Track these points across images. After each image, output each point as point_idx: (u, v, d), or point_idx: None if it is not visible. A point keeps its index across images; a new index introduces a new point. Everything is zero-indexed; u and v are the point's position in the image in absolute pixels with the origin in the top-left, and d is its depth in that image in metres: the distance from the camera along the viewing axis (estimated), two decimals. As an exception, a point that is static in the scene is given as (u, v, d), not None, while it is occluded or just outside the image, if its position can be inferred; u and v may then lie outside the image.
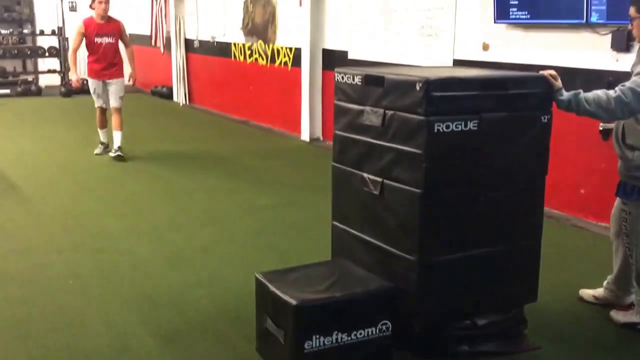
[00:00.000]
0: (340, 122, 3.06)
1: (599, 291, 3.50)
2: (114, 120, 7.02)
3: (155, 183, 6.09)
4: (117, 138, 7.00)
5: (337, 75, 3.04)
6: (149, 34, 12.17)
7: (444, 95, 2.59)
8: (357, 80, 2.91)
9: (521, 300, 3.08)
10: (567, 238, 4.59)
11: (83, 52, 7.47)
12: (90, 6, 7.04)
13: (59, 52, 12.71)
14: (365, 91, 2.88)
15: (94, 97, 7.10)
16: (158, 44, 11.90)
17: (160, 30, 11.77)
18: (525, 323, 3.09)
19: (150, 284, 3.72)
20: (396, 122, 2.71)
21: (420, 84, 2.57)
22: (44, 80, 13.31)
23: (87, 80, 7.32)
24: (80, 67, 8.18)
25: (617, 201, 3.30)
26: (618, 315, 3.32)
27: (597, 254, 4.18)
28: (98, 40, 6.93)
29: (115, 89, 7.02)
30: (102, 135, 7.22)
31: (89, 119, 9.68)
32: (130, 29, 13.77)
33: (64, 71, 12.72)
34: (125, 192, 5.75)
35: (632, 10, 3.03)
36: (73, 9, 13.13)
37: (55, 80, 13.17)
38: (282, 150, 7.76)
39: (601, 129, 3.34)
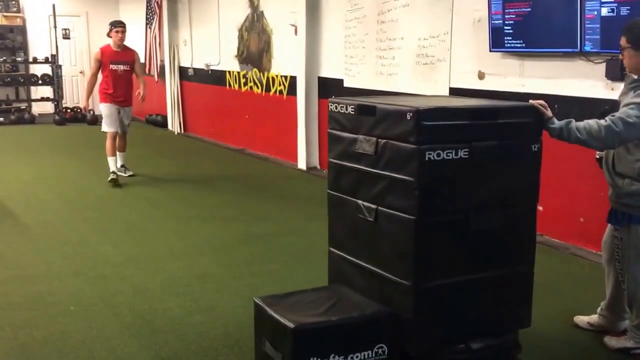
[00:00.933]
0: (335, 150, 3.15)
1: (594, 317, 3.56)
2: (120, 143, 7.45)
3: (152, 211, 6.15)
4: (121, 158, 7.51)
5: (331, 105, 3.14)
6: (142, 61, 12.28)
7: (435, 124, 2.68)
8: (350, 109, 3.01)
9: (514, 324, 3.14)
10: (565, 266, 4.67)
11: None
12: (108, 34, 7.31)
13: (52, 80, 12.82)
14: (358, 120, 2.97)
15: (108, 122, 7.26)
16: (152, 72, 11.98)
17: (154, 58, 11.85)
18: (519, 348, 3.14)
19: (149, 310, 3.77)
20: (388, 151, 2.80)
21: (411, 114, 2.66)
22: (37, 108, 13.38)
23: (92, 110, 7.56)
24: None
25: (609, 228, 3.38)
26: (612, 341, 3.37)
27: (593, 281, 4.22)
28: (113, 67, 7.19)
29: (127, 115, 7.45)
30: (112, 163, 7.28)
31: (84, 146, 9.82)
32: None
33: (57, 99, 12.80)
34: (122, 220, 5.80)
35: (623, 40, 3.11)
36: (66, 36, 13.24)
37: (48, 108, 13.25)
38: (279, 179, 7.83)
39: (598, 157, 3.41)
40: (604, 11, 4.50)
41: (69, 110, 12.89)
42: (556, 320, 3.66)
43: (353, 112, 2.99)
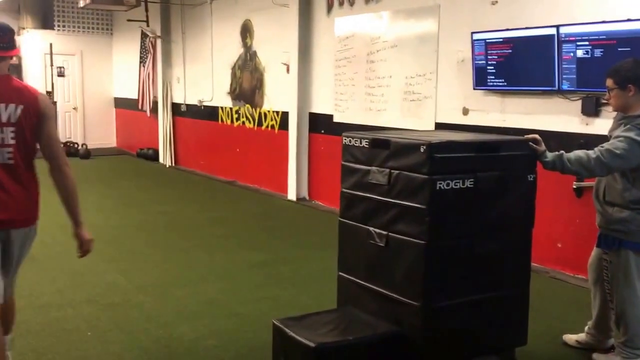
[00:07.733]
0: (348, 181, 3.39)
1: (581, 336, 3.79)
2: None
3: (153, 242, 6.29)
4: None
5: (345, 139, 3.39)
6: (136, 97, 12.50)
7: (445, 156, 2.95)
8: (365, 143, 3.26)
9: (513, 342, 3.38)
10: (547, 288, 4.91)
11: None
12: None
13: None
14: (371, 153, 3.23)
15: None
16: (144, 108, 12.21)
17: (147, 94, 12.09)
18: (517, 364, 3.38)
19: (164, 334, 3.92)
20: (401, 181, 3.05)
21: (425, 147, 2.93)
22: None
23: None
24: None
25: (595, 251, 3.63)
26: (600, 358, 3.59)
27: (576, 302, 4.52)
28: None
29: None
30: None
31: (77, 180, 9.83)
32: (117, 93, 14.12)
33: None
34: (124, 249, 5.94)
35: (609, 82, 3.34)
36: (61, 74, 13.45)
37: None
38: (271, 209, 8.05)
39: (575, 187, 3.66)
40: (580, 53, 4.86)
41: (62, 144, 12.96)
42: (545, 338, 3.89)
43: (367, 146, 3.24)
